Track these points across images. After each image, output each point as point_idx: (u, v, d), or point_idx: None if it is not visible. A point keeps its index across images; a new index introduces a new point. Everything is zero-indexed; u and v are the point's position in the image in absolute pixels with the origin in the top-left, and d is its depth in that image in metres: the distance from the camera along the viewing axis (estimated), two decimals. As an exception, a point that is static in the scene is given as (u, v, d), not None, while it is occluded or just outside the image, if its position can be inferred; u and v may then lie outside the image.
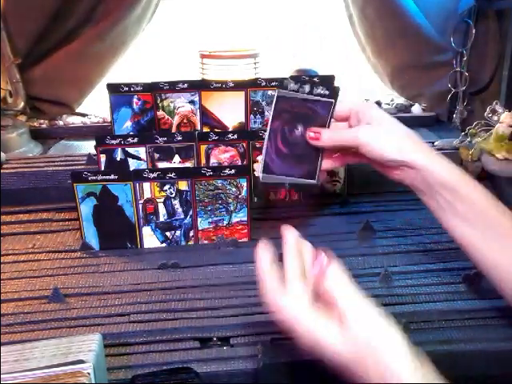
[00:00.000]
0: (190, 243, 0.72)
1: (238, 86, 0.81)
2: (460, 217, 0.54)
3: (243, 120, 0.83)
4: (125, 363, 0.51)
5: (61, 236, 0.74)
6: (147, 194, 0.69)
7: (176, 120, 0.83)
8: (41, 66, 0.95)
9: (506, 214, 0.53)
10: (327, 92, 0.60)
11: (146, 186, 0.69)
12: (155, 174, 0.68)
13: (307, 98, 0.60)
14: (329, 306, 0.43)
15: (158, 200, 0.70)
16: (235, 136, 0.75)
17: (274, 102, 0.61)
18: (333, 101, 0.60)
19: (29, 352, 0.41)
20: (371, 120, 0.57)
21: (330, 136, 0.59)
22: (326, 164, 0.61)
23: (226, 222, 0.72)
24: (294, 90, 0.60)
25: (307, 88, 0.60)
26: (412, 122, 1.06)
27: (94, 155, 0.78)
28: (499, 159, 0.82)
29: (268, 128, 0.61)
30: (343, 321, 0.41)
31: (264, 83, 0.81)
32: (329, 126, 0.61)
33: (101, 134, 0.76)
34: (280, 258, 0.67)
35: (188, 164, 0.76)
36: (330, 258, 0.46)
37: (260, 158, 0.62)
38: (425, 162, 0.54)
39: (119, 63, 1.02)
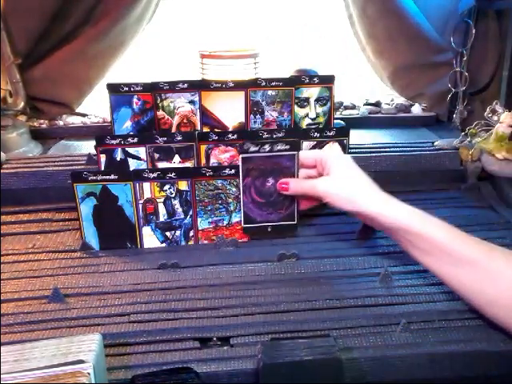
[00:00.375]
0: (190, 243, 0.72)
1: (238, 86, 0.81)
2: (422, 251, 0.57)
3: (243, 120, 0.83)
4: (125, 363, 0.51)
5: (61, 236, 0.74)
6: (147, 194, 0.69)
7: (176, 120, 0.83)
8: (41, 66, 0.95)
9: (468, 242, 0.55)
10: (288, 146, 0.67)
11: (146, 186, 0.69)
12: (155, 174, 0.68)
13: (270, 155, 0.67)
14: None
15: (158, 200, 0.70)
16: (235, 136, 0.75)
17: (240, 163, 0.67)
18: (295, 153, 0.67)
19: (29, 352, 0.41)
20: (331, 170, 0.63)
21: (295, 187, 0.67)
22: (303, 205, 0.70)
23: (225, 222, 0.72)
24: (255, 151, 0.67)
25: (267, 147, 0.66)
26: (412, 122, 1.07)
27: (94, 155, 0.78)
28: (499, 159, 0.82)
29: (241, 185, 0.69)
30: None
31: (264, 83, 0.81)
32: (297, 175, 0.68)
33: (101, 134, 0.76)
34: (279, 258, 0.67)
35: (188, 164, 0.76)
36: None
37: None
38: (377, 209, 0.59)
39: (119, 63, 1.02)
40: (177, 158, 0.75)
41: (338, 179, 0.62)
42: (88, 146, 0.92)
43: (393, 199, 0.60)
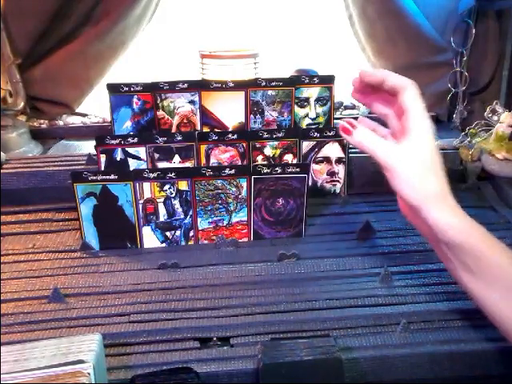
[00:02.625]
0: (190, 243, 0.72)
1: (238, 86, 0.81)
2: (473, 274, 0.47)
3: (243, 120, 0.83)
4: (125, 363, 0.51)
5: (61, 236, 0.74)
6: (147, 194, 0.69)
7: (176, 120, 0.83)
8: (41, 66, 0.95)
9: None
10: (299, 169, 0.69)
11: (146, 186, 0.69)
12: (155, 174, 0.68)
13: (281, 177, 0.69)
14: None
15: (158, 200, 0.70)
16: (235, 136, 0.75)
17: (252, 184, 0.69)
18: (305, 175, 0.69)
19: (29, 352, 0.41)
20: (412, 136, 0.49)
21: (360, 139, 0.51)
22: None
23: (225, 222, 0.72)
24: (267, 173, 0.69)
25: (279, 169, 0.69)
26: (412, 122, 1.07)
27: (94, 155, 0.78)
28: (499, 159, 0.82)
29: (252, 204, 0.71)
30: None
31: (264, 83, 0.81)
32: (306, 196, 0.70)
33: (101, 134, 0.76)
34: (279, 258, 0.67)
35: (188, 164, 0.76)
36: None
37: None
38: (448, 219, 0.47)
39: (119, 63, 1.02)
40: (177, 158, 0.75)
41: (418, 161, 0.48)
42: (88, 146, 0.92)
43: (462, 210, 0.49)
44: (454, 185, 0.85)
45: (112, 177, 0.68)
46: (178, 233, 0.72)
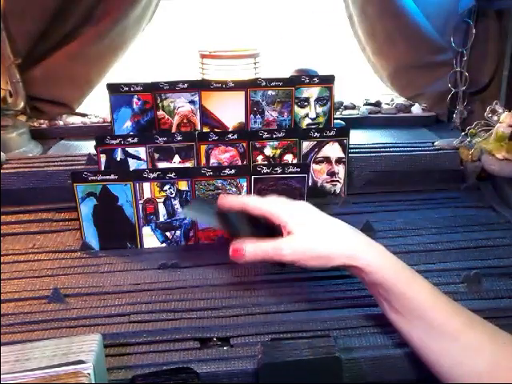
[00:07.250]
0: (190, 243, 0.72)
1: (238, 86, 0.81)
2: (398, 313, 0.50)
3: (243, 120, 0.83)
4: (125, 363, 0.51)
5: (61, 236, 0.74)
6: (147, 194, 0.69)
7: (176, 120, 0.83)
8: (41, 66, 0.95)
9: (452, 311, 0.49)
10: (299, 169, 0.69)
11: (146, 186, 0.69)
12: (155, 174, 0.68)
13: (281, 177, 0.69)
14: None
15: (158, 200, 0.70)
16: (235, 136, 0.75)
17: (252, 183, 0.70)
18: (305, 175, 0.70)
19: (29, 352, 0.41)
20: (294, 229, 0.53)
21: (254, 252, 0.55)
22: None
23: (226, 222, 0.72)
24: (267, 173, 0.69)
25: (279, 169, 0.69)
26: (412, 122, 1.07)
27: (94, 155, 0.78)
28: (499, 159, 0.82)
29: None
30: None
31: (264, 83, 0.81)
32: (306, 199, 0.69)
33: (101, 134, 0.76)
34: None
35: (188, 164, 0.76)
36: None
37: None
38: (364, 262, 0.51)
39: (119, 63, 1.02)
40: (177, 158, 0.75)
41: (307, 236, 0.53)
42: (88, 146, 0.92)
43: (379, 249, 0.54)
44: (454, 185, 0.87)
45: (112, 177, 0.68)
46: (177, 233, 0.72)
